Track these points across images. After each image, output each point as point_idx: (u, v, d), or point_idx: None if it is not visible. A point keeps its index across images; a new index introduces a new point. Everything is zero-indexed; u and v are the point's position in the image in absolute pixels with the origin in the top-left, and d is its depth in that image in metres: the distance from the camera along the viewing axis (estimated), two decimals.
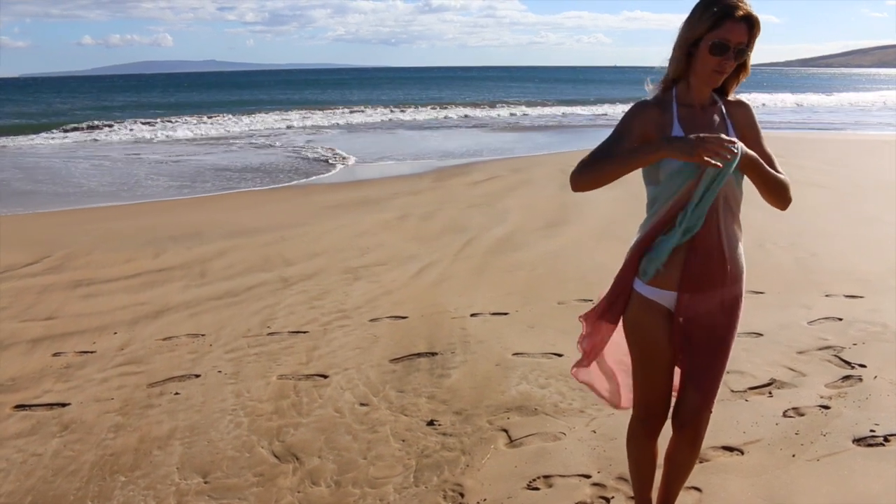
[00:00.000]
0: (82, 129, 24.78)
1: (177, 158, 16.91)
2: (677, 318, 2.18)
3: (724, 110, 2.17)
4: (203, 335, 4.82)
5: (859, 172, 11.53)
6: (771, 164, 2.13)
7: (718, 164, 1.90)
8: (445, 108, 34.75)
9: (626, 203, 8.36)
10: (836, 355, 4.17)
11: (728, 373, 3.89)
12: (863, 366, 4.00)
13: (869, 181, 10.56)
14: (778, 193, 2.13)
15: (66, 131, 24.15)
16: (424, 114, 31.88)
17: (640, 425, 2.39)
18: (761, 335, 4.50)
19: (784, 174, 2.13)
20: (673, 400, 2.35)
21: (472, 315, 5.08)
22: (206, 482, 3.04)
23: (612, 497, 2.84)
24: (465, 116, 30.90)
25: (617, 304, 2.27)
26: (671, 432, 2.36)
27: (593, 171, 2.06)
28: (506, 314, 5.10)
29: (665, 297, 2.18)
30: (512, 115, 31.85)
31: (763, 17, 2.03)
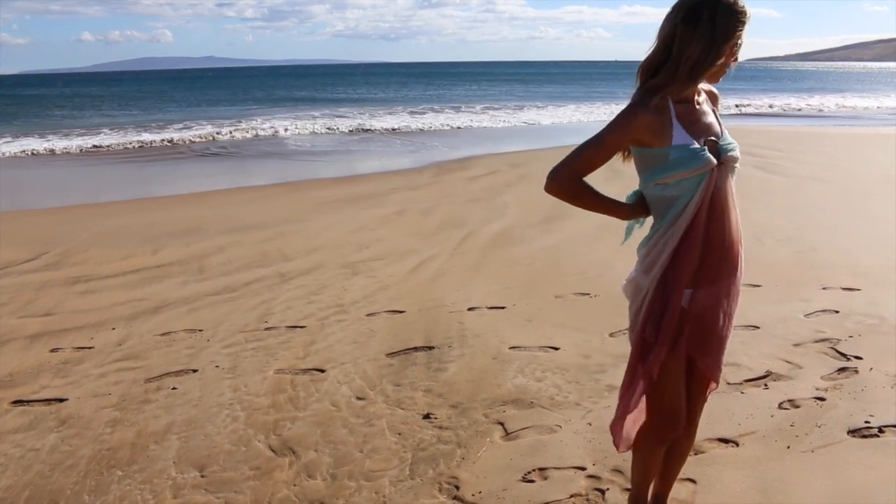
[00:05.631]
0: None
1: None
2: (690, 314, 2.14)
3: (706, 98, 2.20)
4: (201, 330, 4.83)
5: (865, 167, 11.37)
6: None
7: None
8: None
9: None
10: (832, 347, 4.17)
11: (724, 365, 3.92)
12: (859, 358, 4.01)
13: (875, 176, 10.45)
14: None
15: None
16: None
17: (654, 433, 2.32)
18: (758, 328, 4.50)
19: None
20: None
21: (470, 309, 5.09)
22: (202, 476, 3.05)
23: (607, 489, 2.85)
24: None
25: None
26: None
27: (570, 192, 2.32)
28: (503, 308, 5.10)
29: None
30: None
31: (763, 13, 2.03)
